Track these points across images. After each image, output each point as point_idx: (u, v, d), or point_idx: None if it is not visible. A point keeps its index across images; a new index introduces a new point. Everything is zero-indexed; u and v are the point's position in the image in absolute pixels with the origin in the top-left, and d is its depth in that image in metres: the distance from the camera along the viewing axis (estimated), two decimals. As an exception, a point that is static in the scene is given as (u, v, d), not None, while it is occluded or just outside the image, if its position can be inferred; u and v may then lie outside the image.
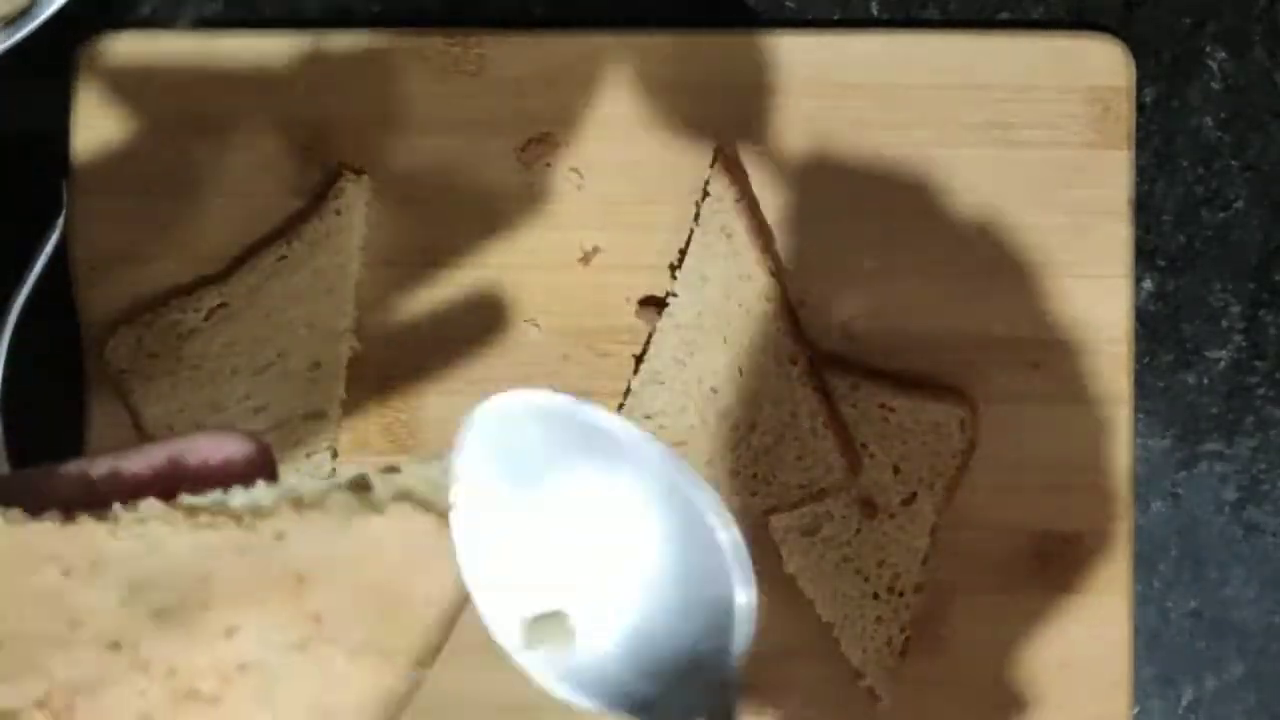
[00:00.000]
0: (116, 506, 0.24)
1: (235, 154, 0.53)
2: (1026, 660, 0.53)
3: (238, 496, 0.25)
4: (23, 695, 0.23)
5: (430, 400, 0.54)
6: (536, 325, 0.54)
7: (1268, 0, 0.55)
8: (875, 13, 0.55)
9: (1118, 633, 0.53)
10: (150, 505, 0.24)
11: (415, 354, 0.54)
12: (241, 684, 0.23)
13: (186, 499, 0.24)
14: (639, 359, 0.53)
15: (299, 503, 0.24)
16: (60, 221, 0.52)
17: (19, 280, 0.51)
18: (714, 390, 0.52)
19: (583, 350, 0.54)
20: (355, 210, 0.53)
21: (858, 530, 0.53)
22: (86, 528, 0.24)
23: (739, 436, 0.52)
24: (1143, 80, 0.54)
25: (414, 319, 0.54)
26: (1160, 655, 0.54)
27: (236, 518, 0.24)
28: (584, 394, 0.53)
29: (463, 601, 0.26)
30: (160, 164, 0.53)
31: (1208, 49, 0.55)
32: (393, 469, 0.26)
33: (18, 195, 0.54)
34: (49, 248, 0.52)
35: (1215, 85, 0.55)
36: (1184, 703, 0.54)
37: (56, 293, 0.53)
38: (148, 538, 0.24)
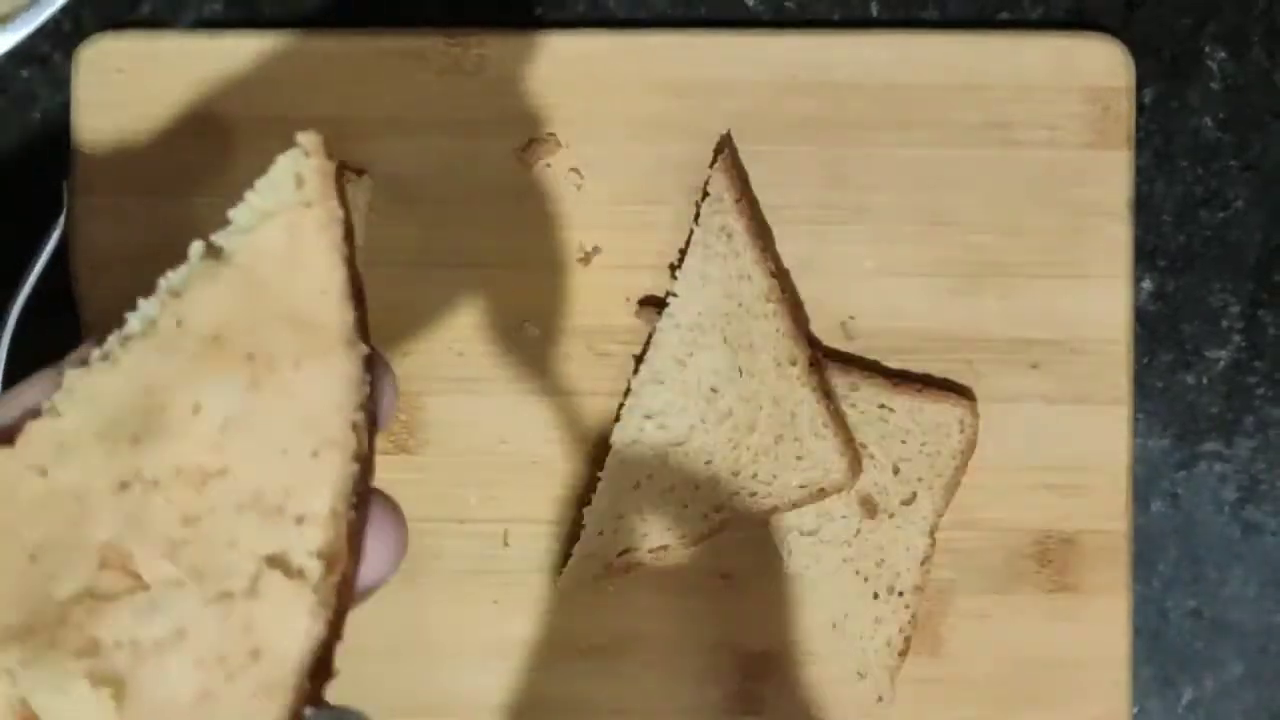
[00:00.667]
0: (48, 401, 0.26)
1: (235, 154, 0.53)
2: (1026, 660, 0.53)
3: (132, 322, 0.27)
4: (85, 573, 0.25)
5: (430, 400, 0.54)
6: (536, 325, 0.54)
7: (1267, 0, 0.55)
8: (875, 13, 0.55)
9: (1117, 632, 0.53)
10: (73, 375, 0.26)
11: (415, 354, 0.54)
12: (232, 440, 0.25)
13: (94, 351, 0.27)
14: (639, 359, 0.53)
15: (176, 291, 0.27)
16: (60, 221, 0.52)
17: (19, 280, 0.51)
18: (714, 390, 0.52)
19: (583, 350, 0.54)
20: (355, 210, 0.52)
21: (858, 530, 0.53)
22: (34, 429, 0.26)
23: (739, 436, 0.52)
24: (1143, 80, 0.54)
25: (414, 319, 0.54)
26: (1160, 655, 0.55)
27: (143, 335, 0.26)
28: (584, 394, 0.54)
29: (347, 272, 0.27)
30: (160, 164, 0.53)
31: (1208, 49, 0.55)
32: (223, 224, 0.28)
33: (18, 195, 0.54)
34: (49, 248, 0.52)
35: (1215, 85, 0.55)
36: (1183, 702, 0.54)
37: (56, 293, 0.53)
38: (86, 395, 0.26)
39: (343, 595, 0.26)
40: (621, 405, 0.53)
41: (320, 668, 0.26)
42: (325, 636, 0.25)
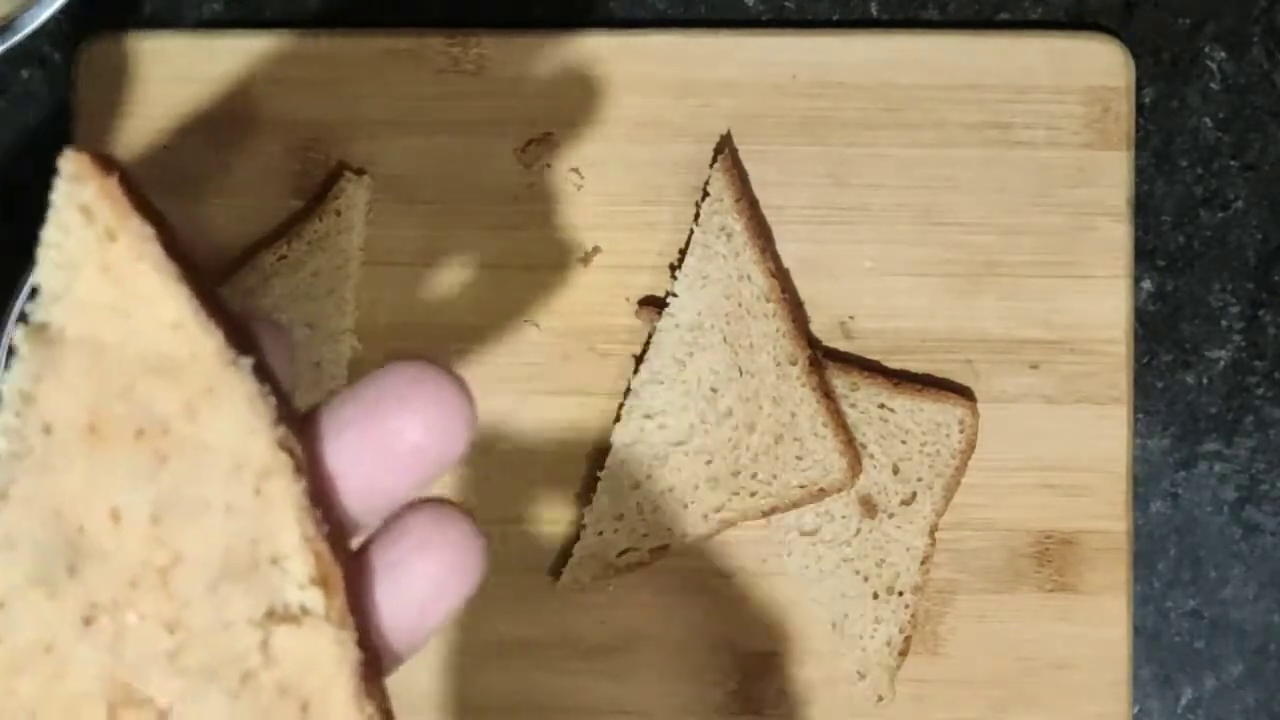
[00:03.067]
0: None
1: (235, 154, 0.53)
2: (1026, 660, 0.53)
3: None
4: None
5: (430, 400, 0.54)
6: (536, 325, 0.54)
7: (1267, 1, 0.55)
8: (875, 13, 0.55)
9: (1117, 633, 0.53)
10: None
11: (415, 354, 0.54)
12: (169, 526, 0.23)
13: None
14: (639, 359, 0.53)
15: (27, 395, 0.23)
16: (60, 221, 0.52)
17: (19, 280, 0.51)
18: (714, 390, 0.52)
19: (583, 350, 0.54)
20: (355, 210, 0.53)
21: (858, 530, 0.53)
22: None
23: (739, 436, 0.52)
24: (1142, 80, 0.54)
25: (414, 319, 0.54)
26: (1159, 655, 0.55)
27: (16, 456, 0.23)
28: (583, 394, 0.54)
29: (192, 288, 0.23)
30: (160, 164, 0.53)
31: (1207, 49, 0.55)
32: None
33: (18, 195, 0.54)
34: (49, 248, 0.52)
35: (1214, 86, 0.55)
36: (1183, 702, 0.54)
37: (56, 293, 0.53)
38: None
39: (359, 599, 0.24)
40: (621, 405, 0.53)
41: (371, 672, 0.24)
42: (360, 651, 0.24)
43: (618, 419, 0.53)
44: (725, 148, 0.53)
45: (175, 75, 0.53)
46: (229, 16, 0.55)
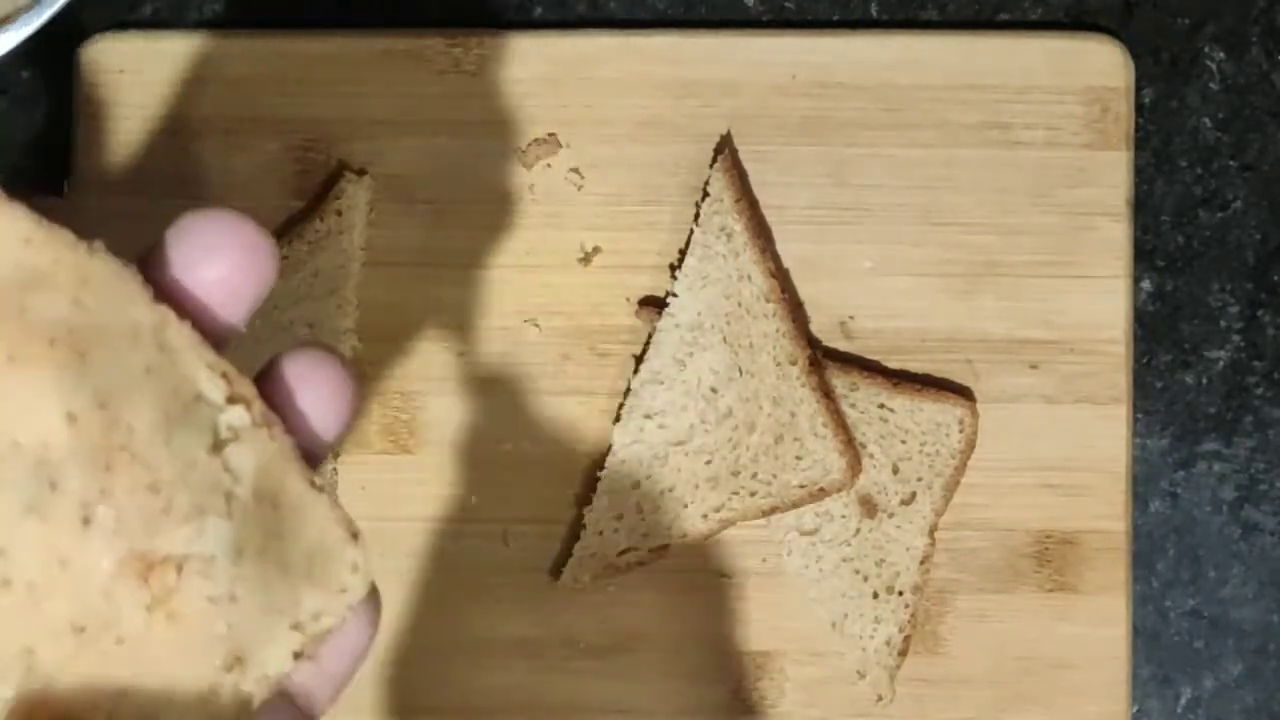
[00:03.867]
0: None
1: (235, 154, 0.53)
2: (1026, 660, 0.53)
3: None
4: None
5: (430, 400, 0.54)
6: (536, 325, 0.54)
7: (1266, 1, 0.55)
8: (875, 13, 0.55)
9: (1116, 632, 0.53)
10: None
11: (415, 354, 0.54)
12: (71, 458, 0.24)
13: None
14: (639, 359, 0.53)
15: None
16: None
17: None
18: (714, 390, 0.52)
19: (583, 350, 0.54)
20: (355, 210, 0.53)
21: (857, 530, 0.53)
22: None
23: (739, 436, 0.52)
24: (1141, 81, 0.54)
25: (414, 319, 0.54)
26: (1159, 655, 0.55)
27: None
28: (583, 394, 0.54)
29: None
30: (160, 164, 0.53)
31: (1206, 49, 0.55)
32: None
33: (18, 195, 0.54)
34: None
35: (1214, 86, 0.55)
36: (1182, 702, 0.55)
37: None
38: None
39: (285, 413, 0.26)
40: (621, 405, 0.53)
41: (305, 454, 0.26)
42: (290, 437, 0.26)
43: (618, 419, 0.53)
44: (725, 148, 0.53)
45: (175, 75, 0.53)
46: (229, 16, 0.55)
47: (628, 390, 0.53)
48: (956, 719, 0.53)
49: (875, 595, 0.53)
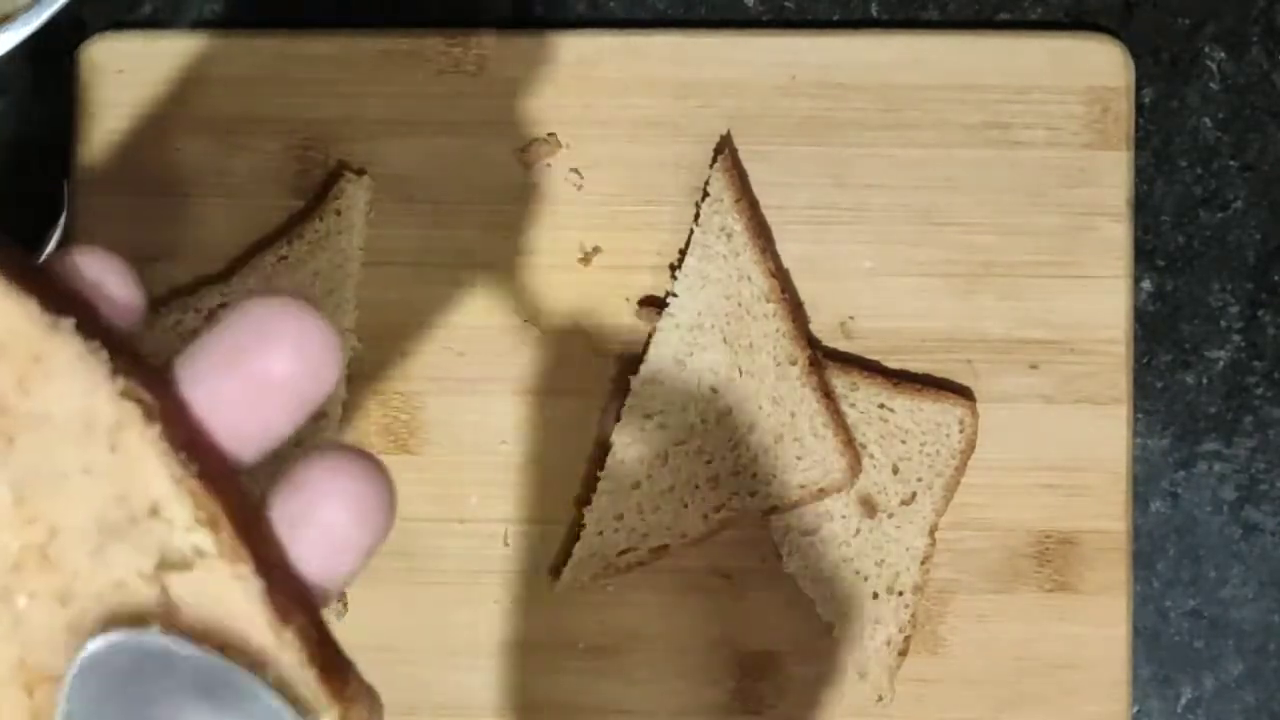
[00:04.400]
0: None
1: (235, 154, 0.53)
2: (1026, 660, 0.53)
3: None
4: None
5: (430, 400, 0.54)
6: (536, 325, 0.54)
7: (1266, 1, 0.55)
8: (875, 13, 0.55)
9: (1116, 632, 0.53)
10: None
11: (415, 354, 0.54)
12: (35, 502, 0.23)
13: None
14: (639, 359, 0.53)
15: None
16: (60, 222, 0.52)
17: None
18: (714, 390, 0.52)
19: (583, 350, 0.54)
20: (355, 210, 0.53)
21: (857, 530, 0.53)
22: None
23: (739, 436, 0.52)
24: (1142, 80, 0.54)
25: (414, 319, 0.54)
26: (1159, 655, 0.55)
27: None
28: (583, 394, 0.54)
29: None
30: (160, 164, 0.53)
31: (1206, 49, 0.55)
32: None
33: (18, 195, 0.54)
34: (49, 248, 0.52)
35: (1214, 86, 0.55)
36: (1183, 702, 0.54)
37: (56, 293, 0.53)
38: None
39: (251, 532, 0.23)
40: (621, 405, 0.53)
41: (287, 596, 0.23)
42: (261, 580, 0.23)
43: (618, 419, 0.53)
44: (725, 148, 0.53)
45: (175, 75, 0.53)
46: (229, 16, 0.55)
47: (628, 390, 0.53)
48: (956, 719, 0.53)
49: (875, 595, 0.53)
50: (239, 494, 0.23)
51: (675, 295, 0.52)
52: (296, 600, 0.23)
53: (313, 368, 0.23)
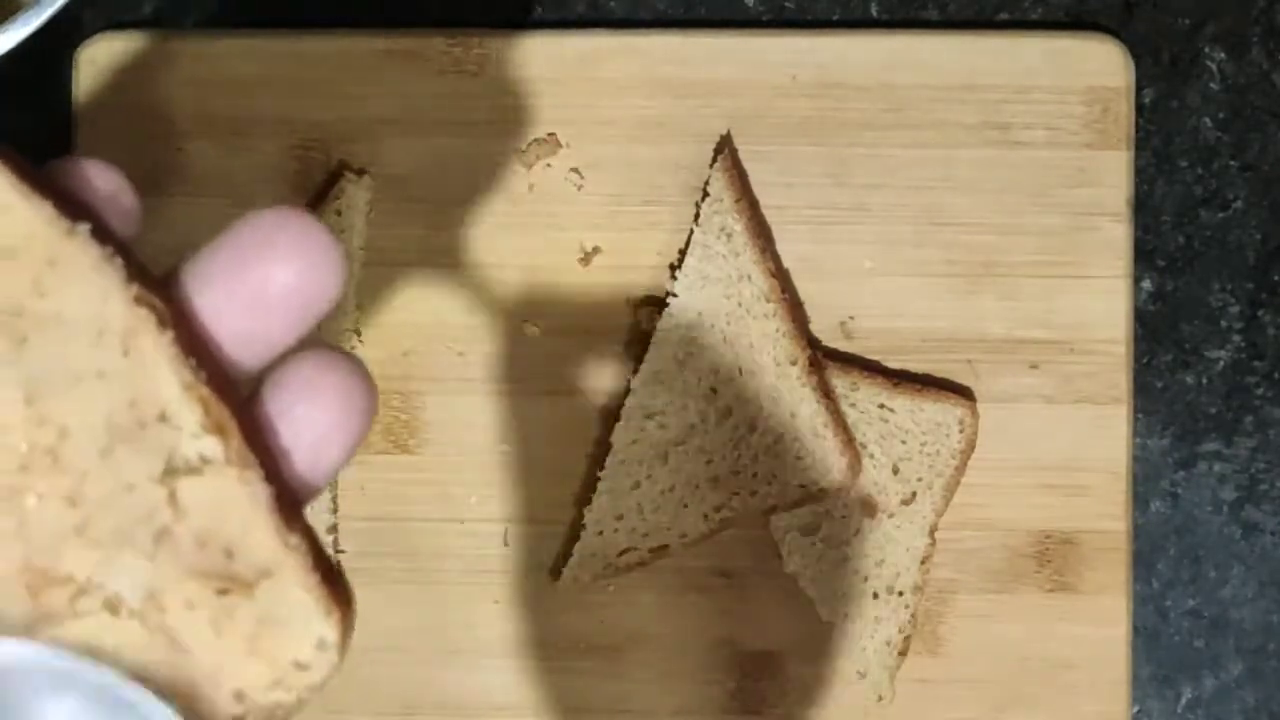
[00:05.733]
0: None
1: (236, 154, 0.53)
2: (1026, 660, 0.53)
3: None
4: (23, 611, 0.23)
5: (430, 400, 0.54)
6: (536, 325, 0.54)
7: (1266, 1, 0.55)
8: (875, 13, 0.55)
9: (1117, 632, 0.53)
10: None
11: (415, 354, 0.54)
12: (46, 402, 0.23)
13: None
14: (639, 359, 0.53)
15: None
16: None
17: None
18: (714, 390, 0.52)
19: (583, 350, 0.54)
20: (355, 210, 0.53)
21: (858, 530, 0.53)
22: None
23: (739, 436, 0.52)
24: (1142, 81, 0.54)
25: (414, 319, 0.54)
26: (1159, 655, 0.55)
27: None
28: (584, 394, 0.54)
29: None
30: (160, 164, 0.53)
31: (1207, 50, 0.55)
32: None
33: (11, 159, 0.54)
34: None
35: (1214, 86, 0.55)
36: (1183, 702, 0.55)
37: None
38: None
39: (259, 438, 0.24)
40: (621, 405, 0.53)
41: (286, 505, 0.23)
42: (269, 486, 0.23)
43: (618, 419, 0.53)
44: (725, 148, 0.53)
45: (175, 75, 0.53)
46: (229, 16, 0.55)
47: (628, 390, 0.53)
48: (956, 719, 0.53)
49: (875, 595, 0.53)
50: (241, 402, 0.24)
51: (675, 295, 0.52)
52: (291, 503, 0.23)
53: (315, 277, 0.23)
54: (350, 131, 0.54)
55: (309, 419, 0.24)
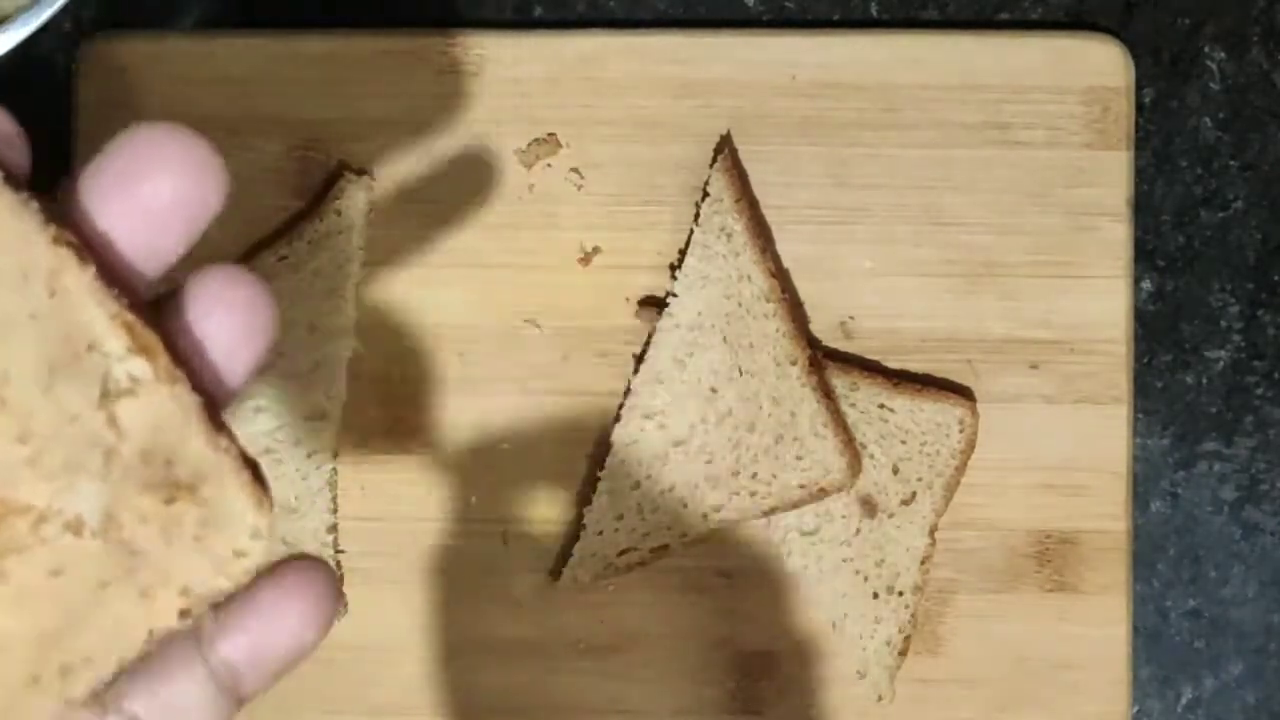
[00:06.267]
0: None
1: (235, 154, 0.53)
2: (1026, 660, 0.53)
3: None
4: None
5: (430, 400, 0.54)
6: (536, 325, 0.54)
7: (1266, 1, 0.55)
8: (875, 13, 0.55)
9: (1117, 632, 0.53)
10: None
11: (415, 354, 0.54)
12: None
13: None
14: (639, 359, 0.53)
15: None
16: (60, 221, 0.52)
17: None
18: (714, 390, 0.52)
19: (583, 350, 0.54)
20: (355, 210, 0.53)
21: (857, 530, 0.53)
22: None
23: (739, 436, 0.52)
24: (1142, 80, 0.54)
25: (414, 319, 0.54)
26: (1159, 655, 0.55)
27: None
28: (584, 394, 0.54)
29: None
30: (160, 164, 0.53)
31: (1206, 49, 0.55)
32: None
33: (17, 195, 0.54)
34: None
35: (1214, 86, 0.55)
36: (1183, 702, 0.55)
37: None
38: None
39: (178, 354, 0.25)
40: (621, 405, 0.53)
41: (214, 413, 0.25)
42: (197, 396, 0.24)
43: (618, 419, 0.53)
44: (725, 148, 0.53)
45: (175, 75, 0.53)
46: (229, 16, 0.55)
47: (628, 390, 0.53)
48: (956, 719, 0.53)
49: (875, 595, 0.53)
50: (153, 316, 0.25)
51: (675, 295, 0.52)
52: (216, 411, 0.25)
53: (200, 188, 0.25)
54: (350, 131, 0.54)
55: (221, 329, 0.25)
